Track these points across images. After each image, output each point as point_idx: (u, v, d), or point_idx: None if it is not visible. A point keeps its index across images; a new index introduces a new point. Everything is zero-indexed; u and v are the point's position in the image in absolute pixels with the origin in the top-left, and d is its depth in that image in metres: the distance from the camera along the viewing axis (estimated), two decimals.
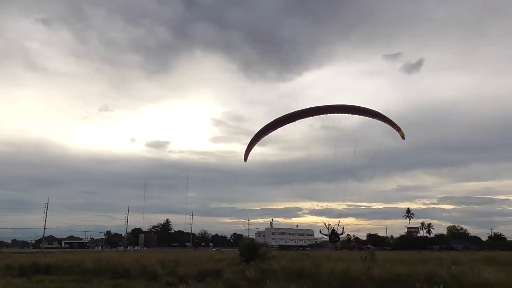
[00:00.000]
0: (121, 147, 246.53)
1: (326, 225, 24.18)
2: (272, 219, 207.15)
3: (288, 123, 22.65)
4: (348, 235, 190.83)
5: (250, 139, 24.22)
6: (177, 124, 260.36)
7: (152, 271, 20.51)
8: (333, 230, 24.08)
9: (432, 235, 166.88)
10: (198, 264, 22.35)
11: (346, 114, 22.49)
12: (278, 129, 23.14)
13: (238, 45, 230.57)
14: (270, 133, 23.35)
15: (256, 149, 24.58)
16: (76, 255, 38.35)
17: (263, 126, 23.26)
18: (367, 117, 22.63)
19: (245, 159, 25.07)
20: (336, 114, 21.86)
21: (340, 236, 24.79)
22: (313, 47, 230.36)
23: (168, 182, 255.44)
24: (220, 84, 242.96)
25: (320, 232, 25.44)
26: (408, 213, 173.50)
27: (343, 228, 24.30)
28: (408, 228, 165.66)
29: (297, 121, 22.41)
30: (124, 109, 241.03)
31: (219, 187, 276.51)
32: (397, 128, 22.99)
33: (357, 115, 22.71)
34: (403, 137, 22.98)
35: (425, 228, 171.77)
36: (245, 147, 25.07)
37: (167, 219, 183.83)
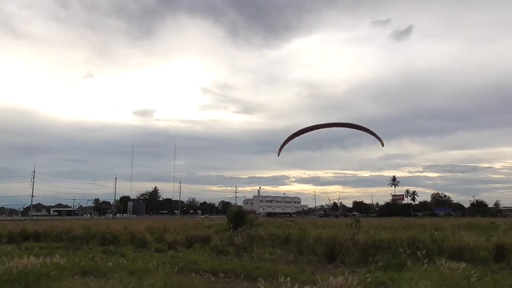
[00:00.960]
0: (107, 115, 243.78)
1: (329, 200, 27.49)
2: (260, 187, 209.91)
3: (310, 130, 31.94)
4: (334, 202, 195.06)
5: (285, 138, 32.63)
6: (163, 92, 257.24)
7: (141, 238, 20.70)
8: (334, 204, 26.71)
9: (416, 202, 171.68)
10: (186, 231, 22.51)
11: None
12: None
13: (224, 9, 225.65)
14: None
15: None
16: (65, 222, 38.44)
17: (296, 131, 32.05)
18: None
19: (278, 155, 33.83)
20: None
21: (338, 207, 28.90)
22: (301, 13, 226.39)
23: (156, 150, 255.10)
24: (206, 50, 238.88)
25: (325, 207, 27.80)
26: (394, 181, 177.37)
27: (341, 202, 27.27)
28: (393, 195, 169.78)
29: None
30: (109, 76, 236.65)
31: (207, 155, 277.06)
32: (379, 138, 30.79)
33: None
34: (382, 145, 31.24)
35: (410, 196, 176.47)
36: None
37: (155, 187, 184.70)
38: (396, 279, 10.38)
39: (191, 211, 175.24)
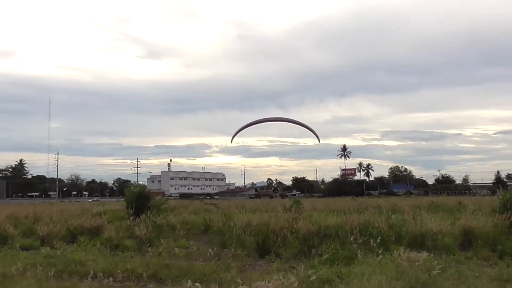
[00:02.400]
0: None
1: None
2: (171, 160, 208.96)
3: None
4: (269, 179, 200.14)
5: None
6: (31, 25, 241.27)
7: (0, 231, 19.79)
8: (270, 184, 27.99)
9: (371, 178, 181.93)
10: (67, 220, 22.03)
11: None
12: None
13: None
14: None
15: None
16: None
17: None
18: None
19: (231, 141, 40.87)
20: None
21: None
22: None
23: (20, 107, 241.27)
24: None
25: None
26: (344, 151, 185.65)
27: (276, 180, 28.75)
28: (343, 169, 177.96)
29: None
30: None
31: (97, 115, 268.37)
32: (316, 135, 42.13)
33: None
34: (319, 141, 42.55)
35: (363, 170, 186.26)
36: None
37: (21, 160, 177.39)
38: (344, 275, 10.82)
39: (75, 192, 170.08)
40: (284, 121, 45.19)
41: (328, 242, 15.50)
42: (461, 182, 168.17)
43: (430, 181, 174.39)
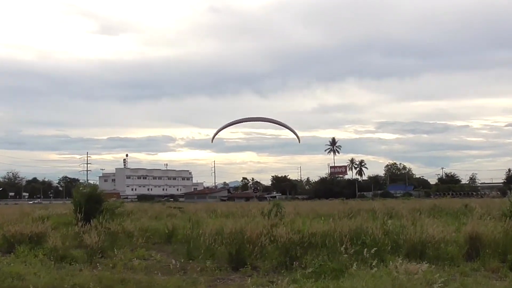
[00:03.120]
0: None
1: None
2: (127, 155, 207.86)
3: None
4: (244, 178, 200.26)
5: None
6: None
7: None
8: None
9: (365, 177, 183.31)
10: (3, 226, 21.95)
11: None
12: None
13: None
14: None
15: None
16: None
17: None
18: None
19: (212, 141, 47.92)
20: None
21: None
22: None
23: None
24: None
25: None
26: (333, 146, 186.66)
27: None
28: (331, 167, 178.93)
29: None
30: None
31: (39, 102, 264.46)
32: (296, 135, 47.83)
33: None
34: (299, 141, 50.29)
35: (356, 168, 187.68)
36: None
37: None
38: None
39: (12, 193, 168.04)
40: (264, 121, 50.01)
41: (313, 253, 15.59)
42: (467, 182, 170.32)
43: (432, 181, 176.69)
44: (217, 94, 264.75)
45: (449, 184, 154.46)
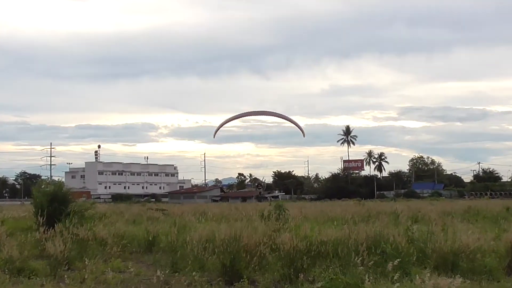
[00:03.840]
0: None
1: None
2: (99, 146, 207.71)
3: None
4: (240, 175, 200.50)
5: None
6: None
7: None
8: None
9: (385, 173, 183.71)
10: None
11: None
12: None
13: None
14: None
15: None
16: None
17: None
18: None
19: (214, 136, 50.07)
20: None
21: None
22: None
23: None
24: None
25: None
26: (347, 135, 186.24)
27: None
28: (345, 161, 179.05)
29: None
30: None
31: None
32: (301, 129, 52.39)
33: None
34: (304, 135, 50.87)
35: (374, 162, 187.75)
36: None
37: None
38: None
39: None
40: (270, 115, 56.24)
41: (323, 264, 15.61)
42: (509, 180, 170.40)
43: (467, 178, 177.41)
44: (208, 74, 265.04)
45: (487, 182, 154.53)
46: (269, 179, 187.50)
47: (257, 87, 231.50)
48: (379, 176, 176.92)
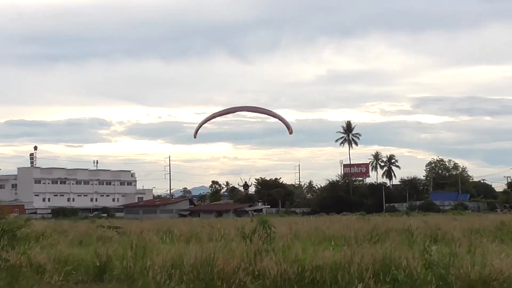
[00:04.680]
0: None
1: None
2: (36, 148, 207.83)
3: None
4: (214, 183, 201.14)
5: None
6: None
7: None
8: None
9: (396, 180, 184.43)
10: None
11: None
12: None
13: None
14: None
15: None
16: None
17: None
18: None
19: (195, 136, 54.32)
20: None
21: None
22: None
23: None
24: None
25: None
26: (348, 133, 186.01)
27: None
28: (346, 165, 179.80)
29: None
30: None
31: None
32: (286, 123, 52.70)
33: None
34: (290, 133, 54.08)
35: (382, 166, 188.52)
36: None
37: None
38: None
39: None
40: (255, 111, 61.01)
41: None
42: None
43: (499, 187, 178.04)
44: (175, 56, 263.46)
45: None
46: (251, 188, 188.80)
47: (236, 73, 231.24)
48: (389, 184, 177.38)
